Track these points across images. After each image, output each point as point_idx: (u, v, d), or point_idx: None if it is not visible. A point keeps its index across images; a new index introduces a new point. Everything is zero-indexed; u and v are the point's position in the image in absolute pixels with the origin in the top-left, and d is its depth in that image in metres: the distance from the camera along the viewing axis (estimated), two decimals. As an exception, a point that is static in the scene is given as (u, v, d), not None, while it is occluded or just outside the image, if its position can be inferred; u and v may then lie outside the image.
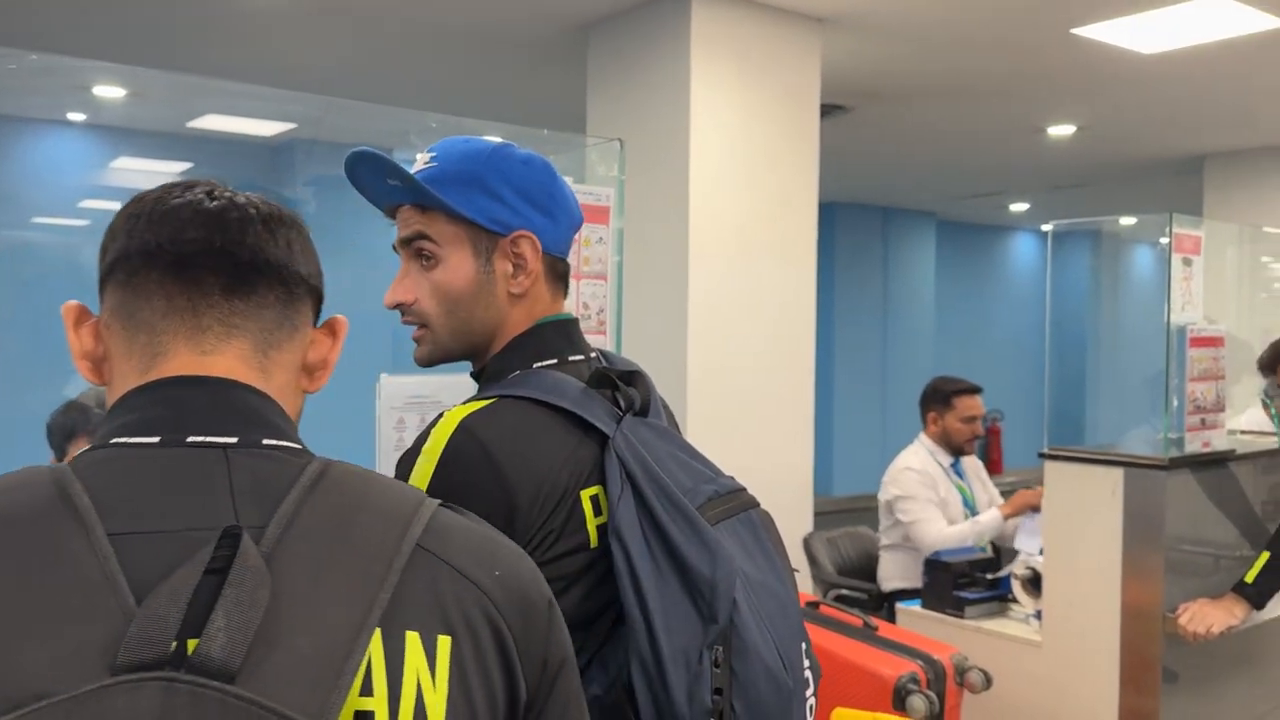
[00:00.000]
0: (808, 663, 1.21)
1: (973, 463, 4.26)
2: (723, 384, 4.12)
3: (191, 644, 0.61)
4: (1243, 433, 3.85)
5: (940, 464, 4.08)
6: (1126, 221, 8.15)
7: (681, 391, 4.01)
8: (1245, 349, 3.64)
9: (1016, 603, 3.43)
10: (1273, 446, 3.55)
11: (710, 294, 4.09)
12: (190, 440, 0.73)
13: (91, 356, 0.82)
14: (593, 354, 1.32)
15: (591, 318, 2.16)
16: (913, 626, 3.39)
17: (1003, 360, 12.13)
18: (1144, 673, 3.02)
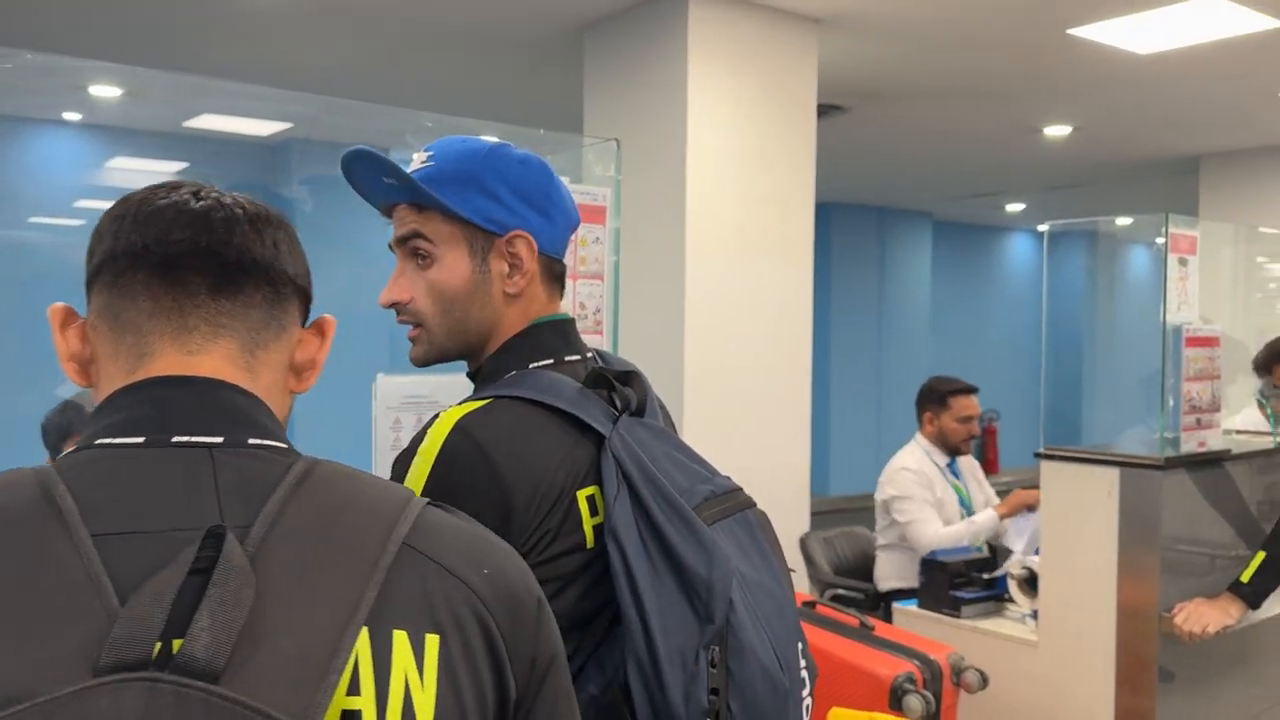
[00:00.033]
0: (804, 662, 1.21)
1: (969, 463, 4.26)
2: (720, 384, 4.12)
3: (176, 644, 0.61)
4: (1238, 432, 3.86)
5: (936, 464, 4.08)
6: (1122, 222, 8.15)
7: (678, 391, 4.00)
8: (1241, 349, 3.64)
9: (1013, 602, 3.43)
10: (1268, 446, 3.56)
11: (707, 294, 4.09)
12: (175, 440, 0.73)
13: (78, 358, 0.82)
14: (589, 354, 1.32)
15: (588, 318, 2.16)
16: (909, 626, 3.39)
17: (999, 360, 12.14)
18: (1140, 672, 3.02)
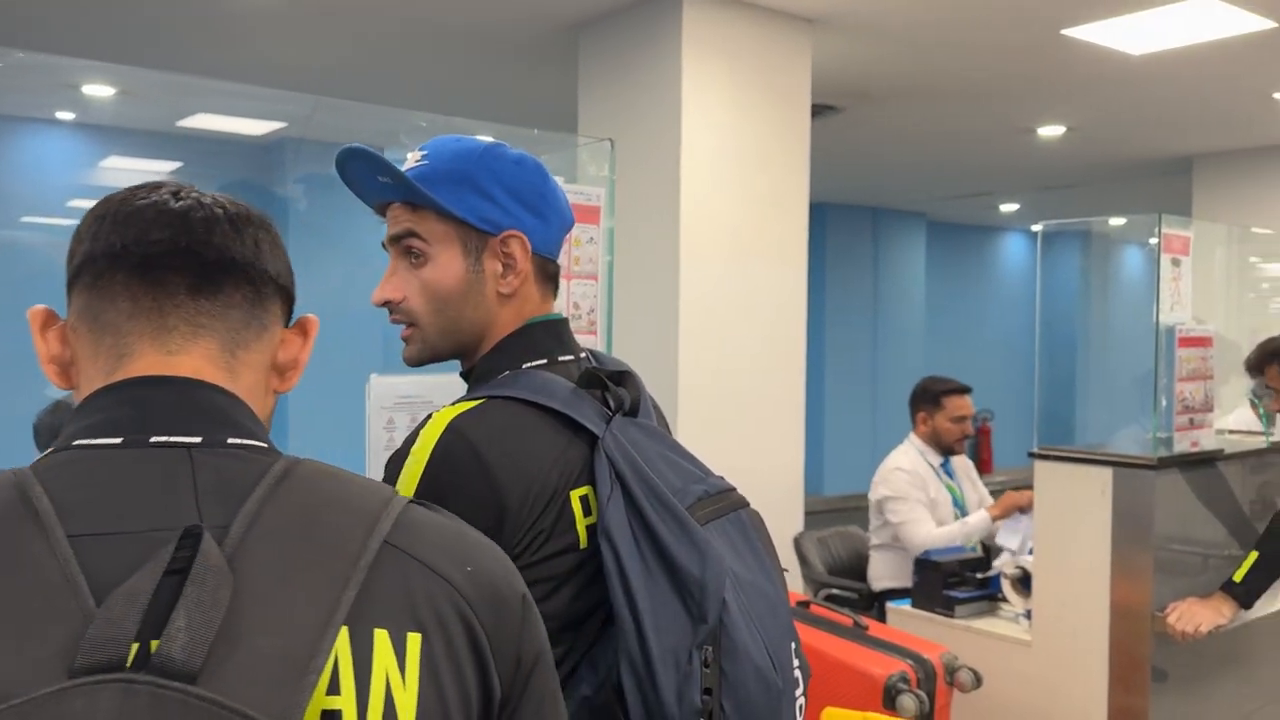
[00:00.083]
0: (797, 662, 1.21)
1: (963, 462, 4.27)
2: (714, 384, 4.12)
3: (155, 645, 0.60)
4: (1231, 432, 3.87)
5: (930, 464, 4.08)
6: (1116, 222, 8.16)
7: (673, 391, 4.00)
8: (1233, 349, 3.65)
9: (1006, 602, 3.43)
10: (1260, 446, 3.57)
11: (701, 294, 4.09)
12: (154, 440, 0.73)
13: (59, 360, 0.81)
14: (582, 354, 1.32)
15: (582, 318, 2.16)
16: (903, 626, 3.40)
17: (993, 360, 12.16)
18: (1133, 672, 3.03)
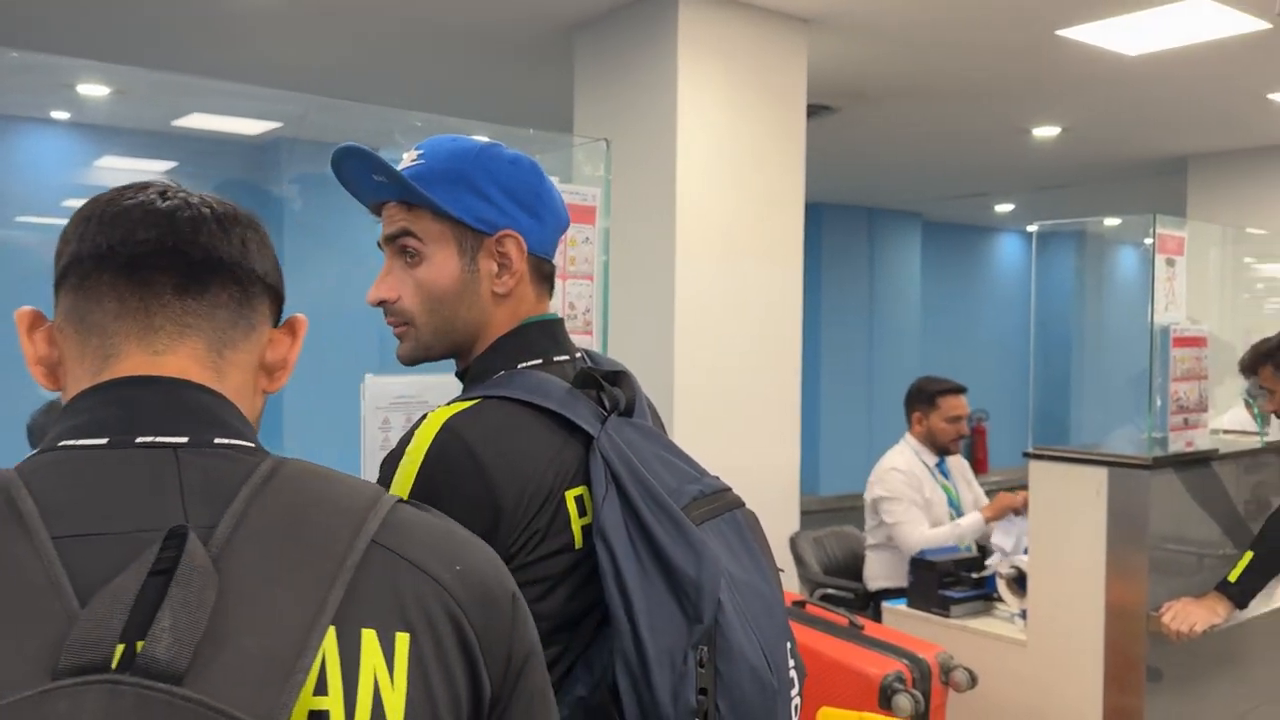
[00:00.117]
0: (793, 662, 1.21)
1: (958, 462, 4.27)
2: (710, 384, 4.12)
3: (140, 646, 0.60)
4: (1225, 432, 3.88)
5: (925, 464, 4.09)
6: (1111, 222, 8.18)
7: (669, 391, 4.00)
8: (1227, 349, 3.66)
9: (1002, 602, 3.44)
10: (1255, 446, 3.58)
11: (697, 294, 4.09)
12: (139, 441, 0.72)
13: (46, 362, 0.81)
14: (578, 354, 1.32)
15: (578, 318, 2.16)
16: (898, 625, 3.40)
17: (988, 360, 12.17)
18: (1128, 671, 3.03)
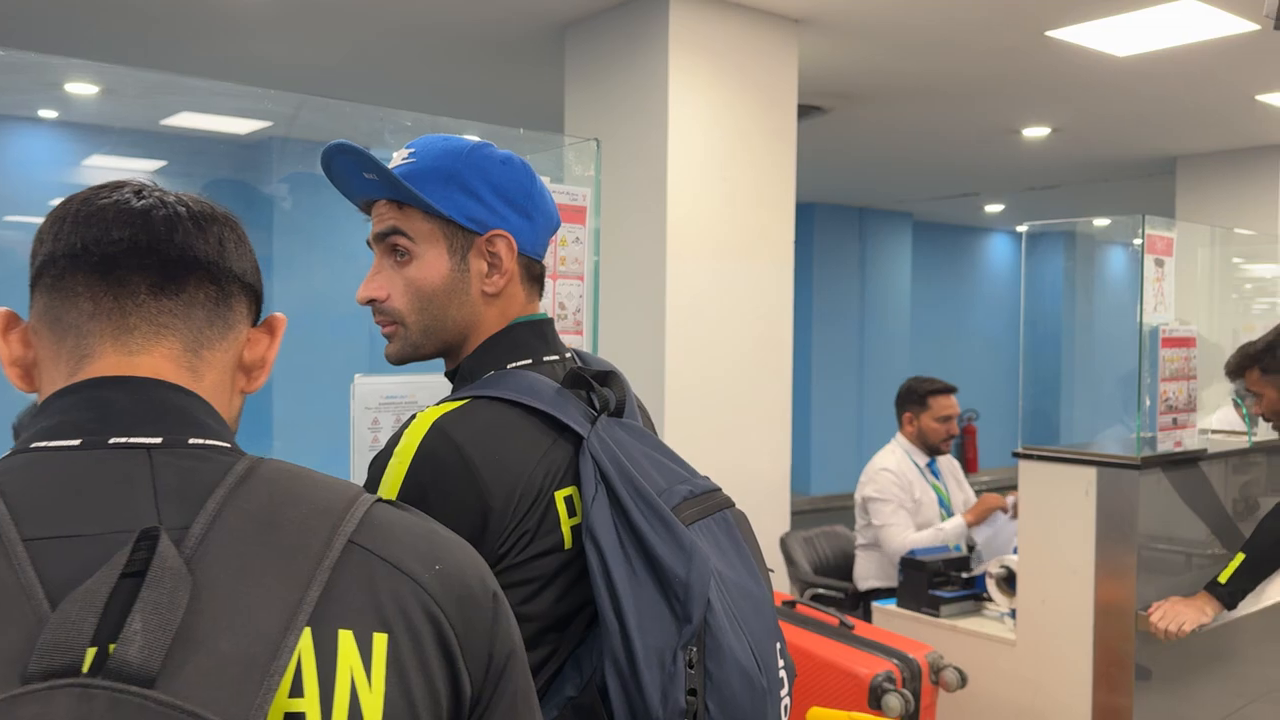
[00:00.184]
0: (782, 662, 1.21)
1: (949, 462, 4.28)
2: (700, 384, 4.12)
3: (112, 649, 0.60)
4: (1214, 432, 3.89)
5: (916, 464, 4.10)
6: (1100, 223, 8.23)
7: (659, 391, 4.01)
8: (1216, 350, 3.67)
9: (991, 601, 3.45)
10: (1243, 446, 3.59)
11: (688, 294, 4.09)
12: (113, 442, 0.72)
13: (21, 363, 0.80)
14: (568, 354, 1.32)
15: (568, 318, 2.16)
16: (889, 625, 3.41)
17: (978, 360, 12.22)
18: (1117, 670, 3.04)
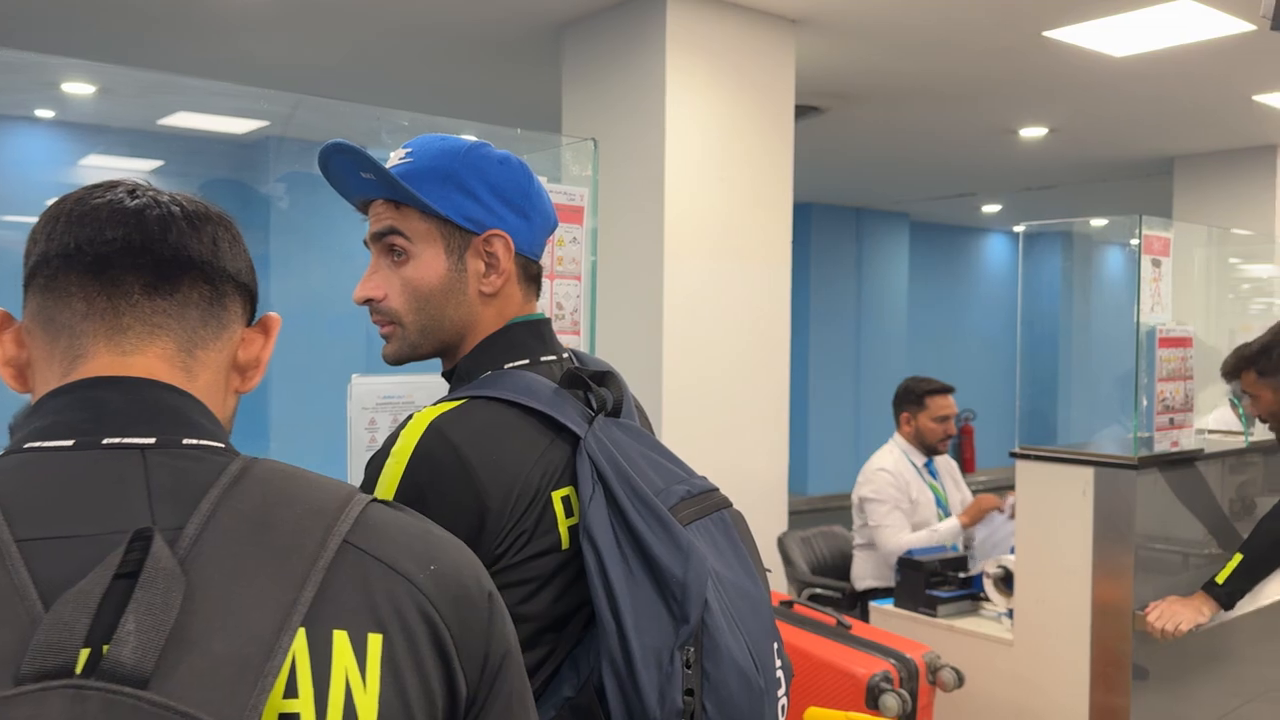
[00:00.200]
0: (779, 662, 1.21)
1: (946, 462, 4.28)
2: (697, 384, 4.12)
3: (105, 649, 0.59)
4: (1211, 432, 3.89)
5: (914, 464, 4.10)
6: (1097, 223, 8.23)
7: (656, 391, 4.01)
8: (1213, 350, 3.67)
9: (989, 601, 3.45)
10: (1240, 446, 3.59)
11: (685, 294, 4.09)
12: (106, 442, 0.71)
13: (14, 363, 0.80)
14: (565, 354, 1.31)
15: (565, 318, 2.16)
16: (886, 625, 3.41)
17: (975, 360, 12.22)
18: (1114, 670, 3.04)
